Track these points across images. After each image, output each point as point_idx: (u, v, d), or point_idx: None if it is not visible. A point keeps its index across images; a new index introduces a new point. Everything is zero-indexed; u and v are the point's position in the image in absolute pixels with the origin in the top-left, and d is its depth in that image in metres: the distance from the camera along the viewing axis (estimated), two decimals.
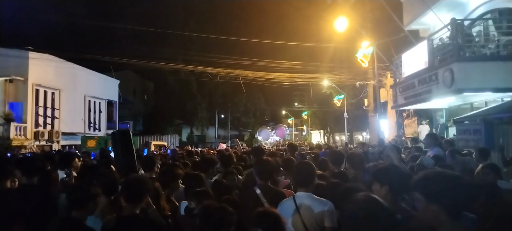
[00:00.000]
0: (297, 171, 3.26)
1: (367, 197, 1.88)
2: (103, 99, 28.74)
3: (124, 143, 4.75)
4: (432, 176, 1.96)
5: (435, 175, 1.97)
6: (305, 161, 3.46)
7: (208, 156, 6.17)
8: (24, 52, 20.11)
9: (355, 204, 1.81)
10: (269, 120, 50.94)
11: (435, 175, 1.98)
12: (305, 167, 3.24)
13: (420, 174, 2.07)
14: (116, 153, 4.87)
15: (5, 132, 18.93)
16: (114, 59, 21.04)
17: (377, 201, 1.82)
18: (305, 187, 3.09)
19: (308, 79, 24.44)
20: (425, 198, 1.89)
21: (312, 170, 3.21)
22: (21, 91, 20.46)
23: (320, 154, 7.28)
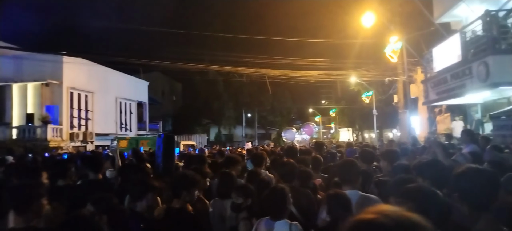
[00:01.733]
0: (341, 169, 3.24)
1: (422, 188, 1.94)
2: (134, 101, 29.54)
3: (167, 146, 5.02)
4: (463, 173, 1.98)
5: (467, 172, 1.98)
6: (349, 159, 3.45)
7: (231, 155, 6.21)
8: (58, 57, 20.95)
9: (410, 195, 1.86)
10: (296, 118, 50.70)
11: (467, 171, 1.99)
12: (349, 165, 3.23)
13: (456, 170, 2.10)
14: (157, 153, 5.13)
15: (43, 133, 19.81)
16: (143, 61, 21.60)
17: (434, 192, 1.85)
18: (351, 185, 3.07)
19: (335, 76, 24.11)
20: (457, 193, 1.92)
21: (356, 167, 3.21)
22: (57, 95, 21.34)
23: (347, 152, 7.15)
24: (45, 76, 20.68)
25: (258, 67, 22.54)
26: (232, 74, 24.34)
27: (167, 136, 5.25)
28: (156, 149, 5.24)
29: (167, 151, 5.06)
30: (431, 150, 4.43)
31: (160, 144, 5.08)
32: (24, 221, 2.37)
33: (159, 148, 5.07)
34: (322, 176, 4.92)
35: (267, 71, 22.38)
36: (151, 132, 32.05)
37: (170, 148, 5.12)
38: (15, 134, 20.20)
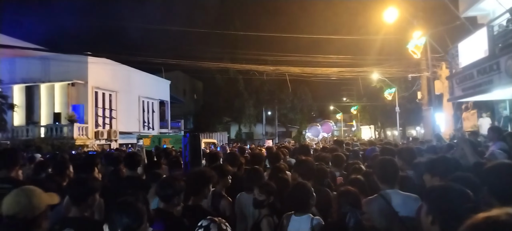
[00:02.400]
0: (380, 167, 3.19)
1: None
2: (156, 100, 30.05)
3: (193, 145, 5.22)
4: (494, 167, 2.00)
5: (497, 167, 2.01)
6: (388, 157, 3.42)
7: (257, 152, 6.24)
8: (83, 58, 21.54)
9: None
10: (316, 115, 50.26)
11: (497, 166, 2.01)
12: (388, 163, 3.18)
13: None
14: (185, 152, 5.30)
15: (69, 132, 20.43)
16: (165, 60, 21.87)
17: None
18: (390, 184, 3.01)
19: (357, 73, 23.76)
20: None
21: (395, 166, 3.17)
22: (82, 94, 21.95)
23: (367, 151, 7.03)
24: (71, 77, 21.30)
25: (279, 65, 22.47)
26: (252, 72, 24.34)
27: (192, 135, 5.42)
28: (183, 148, 5.37)
29: (193, 149, 5.22)
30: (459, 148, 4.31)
31: (186, 143, 5.22)
32: (79, 211, 2.52)
33: (186, 146, 5.21)
34: (344, 174, 4.89)
35: (287, 69, 22.27)
36: (173, 130, 32.56)
37: (197, 146, 5.27)
38: (43, 132, 20.90)
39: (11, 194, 1.97)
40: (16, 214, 1.87)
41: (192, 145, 5.20)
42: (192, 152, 5.25)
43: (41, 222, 1.95)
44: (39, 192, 2.04)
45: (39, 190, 2.08)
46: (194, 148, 5.26)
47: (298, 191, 3.06)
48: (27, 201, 1.91)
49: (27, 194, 1.96)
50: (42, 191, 2.09)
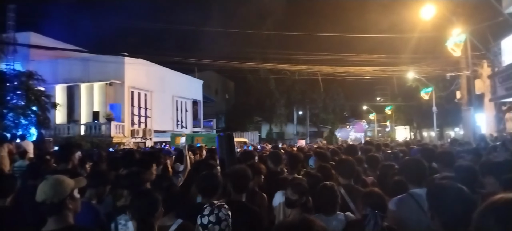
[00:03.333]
0: (407, 167, 3.21)
1: None
2: (189, 99, 30.66)
3: (228, 144, 5.39)
4: None
5: None
6: (416, 157, 3.41)
7: (294, 153, 6.24)
8: (120, 58, 22.29)
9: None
10: (349, 115, 49.44)
11: None
12: (416, 163, 3.19)
13: None
14: (221, 151, 5.50)
15: (107, 130, 21.22)
16: (198, 60, 22.29)
17: None
18: (418, 184, 3.01)
19: (391, 72, 23.15)
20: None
21: (423, 165, 3.16)
22: (119, 94, 22.75)
23: (412, 152, 6.80)
24: (108, 77, 22.11)
25: (311, 64, 22.29)
26: (284, 71, 24.29)
27: (227, 135, 5.55)
28: (218, 147, 5.53)
29: (228, 148, 5.35)
30: (503, 149, 4.14)
31: (221, 142, 5.36)
32: None
33: (222, 146, 5.36)
34: (377, 174, 4.83)
35: (319, 68, 22.06)
36: (205, 129, 33.09)
37: (231, 145, 5.41)
38: (83, 130, 21.84)
39: (41, 184, 2.26)
40: (45, 200, 2.18)
41: (226, 144, 5.33)
42: (228, 151, 5.39)
43: (68, 204, 2.24)
44: (63, 179, 2.31)
45: (64, 177, 2.37)
46: (229, 147, 5.40)
47: (325, 192, 3.07)
48: (50, 189, 2.21)
49: (51, 183, 2.25)
50: (67, 178, 2.36)
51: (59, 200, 2.19)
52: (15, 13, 19.29)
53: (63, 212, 2.22)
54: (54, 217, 2.20)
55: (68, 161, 4.20)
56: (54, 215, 2.20)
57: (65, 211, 2.23)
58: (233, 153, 5.43)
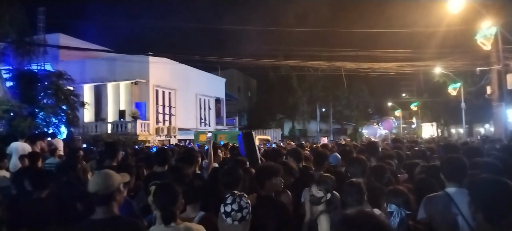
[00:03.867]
0: (447, 164, 3.12)
1: None
2: (212, 97, 30.92)
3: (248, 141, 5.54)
4: None
5: None
6: (456, 155, 3.34)
7: (320, 150, 6.20)
8: (145, 57, 22.69)
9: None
10: (373, 112, 48.61)
11: None
12: (456, 161, 3.10)
13: None
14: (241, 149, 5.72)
15: (133, 128, 21.67)
16: (220, 59, 22.44)
17: None
18: (457, 182, 2.92)
19: (418, 67, 22.59)
20: None
21: (464, 163, 3.07)
22: (144, 92, 23.18)
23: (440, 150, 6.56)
24: (134, 76, 22.57)
25: (334, 61, 22.03)
26: (307, 68, 24.10)
27: (246, 133, 5.68)
28: (239, 144, 5.64)
29: (249, 146, 5.45)
30: None
31: (241, 140, 5.44)
32: None
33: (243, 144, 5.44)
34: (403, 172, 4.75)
35: (343, 64, 21.76)
36: (228, 127, 33.30)
37: (251, 143, 5.50)
38: (109, 128, 22.38)
39: (93, 177, 2.56)
40: (96, 191, 2.41)
41: (247, 142, 5.42)
42: (247, 149, 5.49)
43: (116, 196, 2.49)
44: (112, 173, 2.56)
45: (113, 172, 2.61)
46: (249, 145, 5.47)
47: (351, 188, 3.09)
48: (102, 181, 2.46)
49: (102, 176, 2.51)
50: (115, 173, 2.60)
51: (109, 192, 2.43)
52: (45, 15, 19.95)
53: (111, 203, 2.45)
54: (103, 207, 2.42)
55: (114, 158, 4.53)
56: (103, 205, 2.42)
57: (113, 202, 2.47)
58: (253, 150, 5.49)
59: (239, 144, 5.83)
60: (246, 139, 5.57)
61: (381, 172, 3.99)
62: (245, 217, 2.29)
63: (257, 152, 5.59)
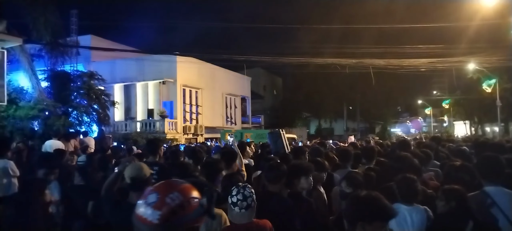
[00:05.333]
0: (482, 163, 3.12)
1: None
2: (238, 96, 31.07)
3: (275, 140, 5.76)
4: None
5: None
6: (492, 153, 3.31)
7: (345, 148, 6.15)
8: (173, 57, 23.07)
9: None
10: (403, 110, 47.41)
11: None
12: (491, 159, 3.09)
13: None
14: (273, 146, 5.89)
15: (161, 127, 22.08)
16: (246, 57, 22.50)
17: None
18: (493, 180, 2.90)
19: (450, 63, 21.81)
20: None
21: (499, 161, 3.04)
22: (172, 91, 23.58)
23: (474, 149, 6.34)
24: (162, 75, 23.00)
25: (362, 58, 21.61)
26: (334, 66, 23.75)
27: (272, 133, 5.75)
28: (271, 143, 5.75)
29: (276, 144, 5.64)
30: None
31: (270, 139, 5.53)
32: None
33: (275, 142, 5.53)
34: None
35: (371, 62, 21.32)
36: (253, 125, 33.39)
37: (278, 140, 5.70)
38: (138, 127, 22.91)
39: (128, 167, 2.98)
40: (134, 177, 2.84)
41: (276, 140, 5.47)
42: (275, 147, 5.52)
43: (149, 183, 2.79)
44: (143, 165, 3.05)
45: (144, 164, 3.11)
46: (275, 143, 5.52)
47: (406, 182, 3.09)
48: (136, 171, 2.88)
49: (138, 166, 3.01)
50: (146, 165, 3.07)
51: (142, 180, 2.81)
52: (77, 18, 20.61)
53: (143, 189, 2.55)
54: (137, 193, 2.72)
55: (156, 154, 4.79)
56: (137, 191, 2.74)
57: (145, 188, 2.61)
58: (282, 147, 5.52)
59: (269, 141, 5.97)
60: (273, 138, 5.61)
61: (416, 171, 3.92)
62: (250, 205, 2.51)
63: (285, 149, 5.64)
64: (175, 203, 1.32)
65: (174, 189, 1.37)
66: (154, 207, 1.30)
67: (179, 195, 1.34)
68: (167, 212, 1.29)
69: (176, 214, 1.31)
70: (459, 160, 4.49)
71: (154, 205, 1.31)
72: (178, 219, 1.31)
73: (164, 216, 1.29)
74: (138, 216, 1.33)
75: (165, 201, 1.31)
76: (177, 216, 1.31)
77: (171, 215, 1.30)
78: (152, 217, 1.29)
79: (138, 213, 1.33)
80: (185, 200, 1.34)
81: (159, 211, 1.29)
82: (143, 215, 1.31)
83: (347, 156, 4.93)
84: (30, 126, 13.28)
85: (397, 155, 4.32)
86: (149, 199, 1.34)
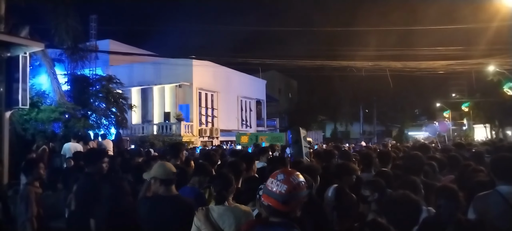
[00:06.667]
0: (496, 162, 3.13)
1: None
2: (253, 99, 31.15)
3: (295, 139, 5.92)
4: None
5: None
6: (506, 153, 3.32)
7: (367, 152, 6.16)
8: (189, 61, 23.32)
9: None
10: (420, 113, 46.60)
11: None
12: (505, 159, 3.11)
13: None
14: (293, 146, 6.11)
15: (177, 129, 22.31)
16: (261, 60, 22.58)
17: None
18: (506, 180, 2.91)
19: (469, 66, 21.36)
20: None
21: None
22: (188, 95, 23.83)
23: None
24: (178, 79, 23.27)
25: (378, 60, 21.40)
26: (350, 68, 23.55)
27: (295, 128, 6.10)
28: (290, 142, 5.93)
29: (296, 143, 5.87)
30: None
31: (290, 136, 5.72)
32: None
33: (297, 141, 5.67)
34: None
35: (388, 64, 21.08)
36: (268, 128, 33.37)
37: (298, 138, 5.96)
38: (155, 130, 23.21)
39: (155, 166, 3.33)
40: (159, 175, 3.21)
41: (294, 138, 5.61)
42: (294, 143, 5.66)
43: (173, 181, 3.26)
44: (170, 164, 3.46)
45: (170, 164, 3.53)
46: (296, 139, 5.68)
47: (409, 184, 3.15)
48: (163, 169, 3.25)
49: (163, 165, 3.34)
50: (171, 164, 3.50)
51: (169, 177, 3.22)
52: (96, 23, 21.04)
53: (170, 185, 3.24)
54: (164, 188, 3.19)
55: (178, 157, 5.12)
56: (164, 186, 3.18)
57: (171, 184, 3.25)
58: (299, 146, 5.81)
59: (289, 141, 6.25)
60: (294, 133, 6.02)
61: None
62: None
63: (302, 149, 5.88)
64: (295, 182, 2.06)
65: (293, 173, 2.13)
66: (282, 182, 2.03)
67: (296, 177, 2.09)
68: (290, 186, 2.03)
69: (295, 189, 2.04)
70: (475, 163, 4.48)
71: (282, 181, 2.04)
72: (296, 193, 2.04)
73: (288, 189, 2.02)
74: (271, 188, 2.05)
75: (289, 179, 2.05)
76: (296, 191, 2.04)
77: (292, 189, 2.03)
78: (281, 188, 2.02)
79: (271, 186, 2.06)
80: (300, 181, 2.09)
81: (285, 185, 2.02)
82: (275, 187, 2.03)
83: (369, 160, 4.94)
84: (51, 128, 13.59)
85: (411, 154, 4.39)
86: (278, 177, 2.06)
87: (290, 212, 2.03)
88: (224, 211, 2.91)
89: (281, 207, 2.00)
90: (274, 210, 2.03)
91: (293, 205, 2.04)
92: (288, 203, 2.01)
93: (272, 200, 2.02)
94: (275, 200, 2.01)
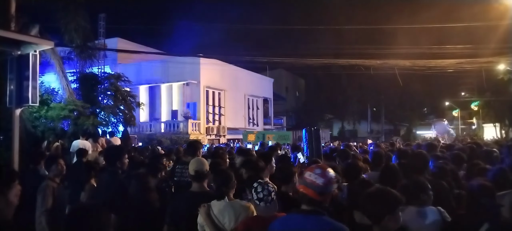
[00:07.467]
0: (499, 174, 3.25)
1: None
2: (260, 97, 31.16)
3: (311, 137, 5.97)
4: None
5: None
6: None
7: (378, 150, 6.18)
8: (196, 59, 23.40)
9: None
10: (429, 112, 46.16)
11: None
12: None
13: None
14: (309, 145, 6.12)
15: (184, 127, 22.43)
16: (269, 59, 22.53)
17: None
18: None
19: (479, 64, 21.10)
20: None
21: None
22: (195, 93, 23.92)
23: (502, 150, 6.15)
24: (186, 77, 23.36)
25: (386, 59, 21.24)
26: (358, 67, 23.41)
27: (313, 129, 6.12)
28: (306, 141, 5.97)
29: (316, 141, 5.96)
30: None
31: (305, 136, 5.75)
32: None
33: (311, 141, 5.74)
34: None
35: (396, 62, 20.91)
36: (275, 127, 33.36)
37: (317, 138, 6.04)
38: (163, 128, 23.33)
39: (191, 162, 3.53)
40: (197, 170, 3.37)
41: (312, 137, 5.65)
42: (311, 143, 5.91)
43: (208, 176, 3.45)
44: (204, 161, 3.59)
45: (204, 160, 3.64)
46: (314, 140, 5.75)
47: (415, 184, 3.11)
48: (197, 165, 3.42)
49: (198, 162, 3.53)
50: (205, 161, 3.62)
51: (203, 173, 3.38)
52: (105, 21, 21.19)
53: (203, 181, 3.42)
54: (198, 183, 3.37)
55: (195, 156, 5.05)
56: (198, 182, 3.37)
57: (204, 180, 3.43)
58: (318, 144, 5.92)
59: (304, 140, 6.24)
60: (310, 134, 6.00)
61: None
62: (274, 199, 2.81)
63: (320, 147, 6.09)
64: (330, 176, 2.27)
65: (328, 169, 2.35)
66: (320, 176, 2.25)
67: (330, 173, 2.31)
68: (326, 180, 2.25)
69: (330, 183, 2.27)
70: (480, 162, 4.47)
71: (320, 174, 2.26)
72: (330, 186, 2.28)
73: (325, 182, 2.24)
74: (309, 180, 2.27)
75: (325, 174, 2.27)
76: (330, 184, 2.27)
77: (328, 182, 2.25)
78: (319, 181, 2.23)
79: (309, 178, 2.27)
80: (334, 176, 2.32)
81: (322, 178, 2.24)
82: (314, 179, 2.25)
83: (380, 159, 4.92)
84: (60, 125, 13.74)
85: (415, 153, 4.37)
86: (315, 171, 2.28)
87: (323, 202, 2.27)
88: (224, 206, 3.02)
89: (317, 197, 2.24)
90: (309, 199, 2.26)
91: (327, 196, 2.29)
92: (323, 194, 2.25)
93: (309, 190, 2.25)
94: (312, 190, 2.24)
